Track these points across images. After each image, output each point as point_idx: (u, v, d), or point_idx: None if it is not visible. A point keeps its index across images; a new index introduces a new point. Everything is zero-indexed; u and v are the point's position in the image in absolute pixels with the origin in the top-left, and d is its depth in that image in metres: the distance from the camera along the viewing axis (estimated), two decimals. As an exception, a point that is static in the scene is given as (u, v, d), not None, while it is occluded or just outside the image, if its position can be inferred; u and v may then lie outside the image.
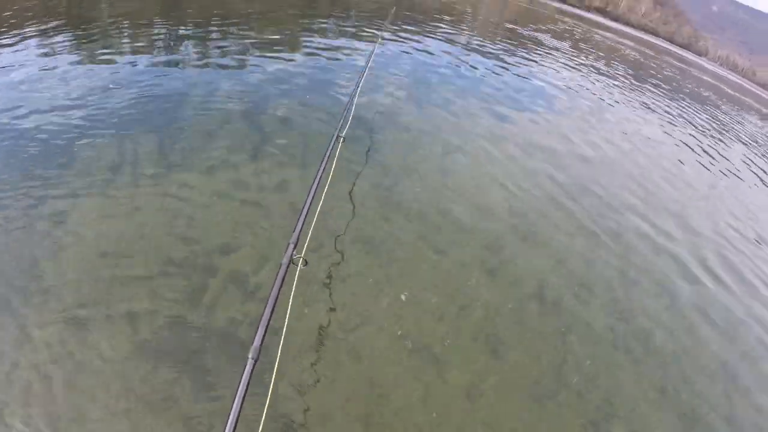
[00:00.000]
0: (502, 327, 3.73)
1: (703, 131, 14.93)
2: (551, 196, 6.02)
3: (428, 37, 13.37)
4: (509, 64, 12.99)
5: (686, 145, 11.91)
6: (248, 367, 1.62)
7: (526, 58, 14.90)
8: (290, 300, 2.16)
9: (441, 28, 15.87)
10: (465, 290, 3.97)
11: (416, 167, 5.57)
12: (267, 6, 12.85)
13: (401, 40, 11.87)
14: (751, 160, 13.98)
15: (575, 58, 18.97)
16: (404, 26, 13.73)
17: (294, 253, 2.23)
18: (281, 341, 2.08)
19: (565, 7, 70.75)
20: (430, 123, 7.01)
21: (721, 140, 14.89)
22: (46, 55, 6.48)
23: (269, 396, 1.90)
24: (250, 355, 1.67)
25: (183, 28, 9.07)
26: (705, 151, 12.05)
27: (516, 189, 5.87)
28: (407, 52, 10.79)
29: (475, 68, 11.29)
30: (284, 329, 2.16)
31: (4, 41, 6.72)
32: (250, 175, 4.54)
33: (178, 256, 3.39)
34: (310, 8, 13.87)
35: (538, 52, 16.96)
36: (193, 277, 3.25)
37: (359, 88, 4.66)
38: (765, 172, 13.23)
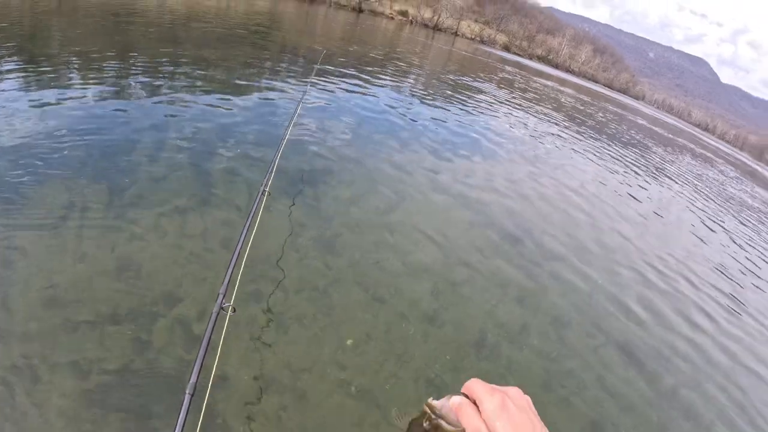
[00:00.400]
0: (442, 372, 3.93)
1: (640, 173, 16.03)
2: (489, 243, 6.37)
3: (372, 86, 13.96)
4: (450, 113, 13.69)
5: (623, 187, 12.78)
6: (185, 403, 1.85)
7: (468, 107, 15.67)
8: (220, 345, 2.35)
9: (385, 77, 16.60)
10: (405, 336, 4.16)
11: (353, 216, 5.83)
12: (217, 54, 13.30)
13: (345, 89, 12.38)
14: (684, 199, 15.06)
15: (517, 107, 20.07)
16: (348, 76, 14.31)
17: (223, 301, 2.42)
18: (209, 385, 2.25)
19: (508, 55, 74.65)
20: (367, 171, 7.32)
21: (656, 180, 16.00)
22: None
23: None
24: (187, 391, 1.90)
25: (134, 69, 9.33)
26: (641, 193, 12.94)
27: (454, 236, 6.20)
28: (351, 102, 11.26)
29: (416, 117, 11.83)
30: (212, 373, 2.32)
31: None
32: (194, 223, 4.70)
33: (125, 303, 3.50)
34: (259, 57, 14.41)
35: (480, 101, 17.90)
36: (138, 324, 3.36)
37: (284, 142, 4.83)
38: (698, 209, 14.24)
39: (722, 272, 9.16)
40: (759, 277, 10.12)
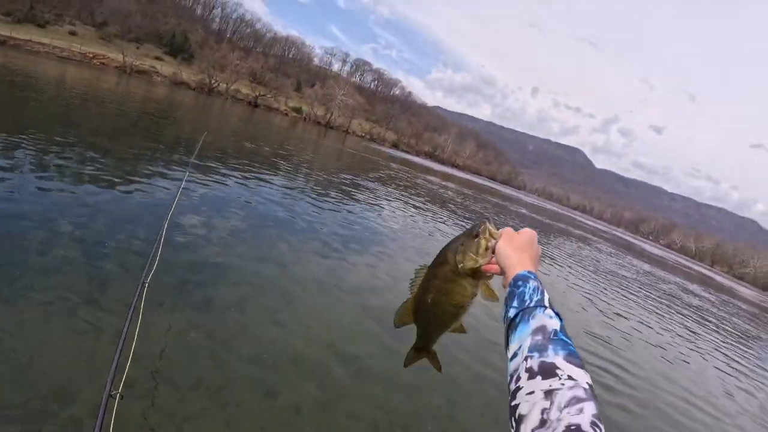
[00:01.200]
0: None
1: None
2: (377, 335, 6.65)
3: (261, 181, 14.28)
4: (337, 209, 14.23)
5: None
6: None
7: (355, 204, 16.36)
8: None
9: (275, 173, 17.00)
10: (300, 430, 4.27)
11: (242, 311, 5.90)
12: (109, 140, 13.45)
13: (235, 184, 12.62)
14: (562, 278, 16.26)
15: (402, 203, 21.32)
16: (238, 170, 14.55)
17: (111, 389, 2.48)
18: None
19: (396, 153, 78.95)
20: (254, 265, 7.44)
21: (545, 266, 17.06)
22: None
23: None
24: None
25: (24, 148, 9.35)
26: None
27: (343, 331, 6.45)
28: (240, 196, 11.47)
29: (304, 213, 12.17)
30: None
31: None
32: (79, 317, 4.63)
33: (11, 399, 3.41)
34: (150, 146, 14.57)
35: (367, 198, 18.86)
36: (26, 420, 3.28)
37: (163, 233, 4.96)
38: (575, 286, 15.37)
39: (601, 341, 10.10)
40: (631, 341, 11.17)
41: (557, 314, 0.96)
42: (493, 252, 1.19)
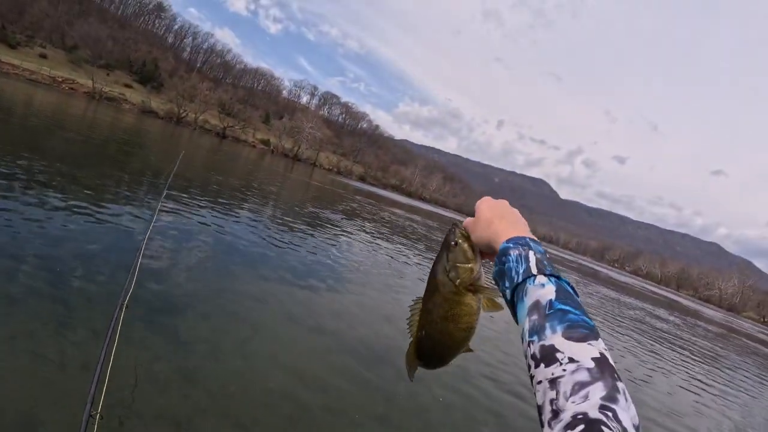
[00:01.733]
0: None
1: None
2: (346, 367, 6.65)
3: (229, 215, 14.22)
4: (305, 243, 14.24)
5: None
6: None
7: (322, 238, 16.41)
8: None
9: (242, 207, 16.94)
10: None
11: (211, 344, 5.87)
12: (76, 167, 13.33)
13: (203, 216, 12.50)
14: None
15: (369, 236, 21.50)
16: (207, 203, 14.42)
17: (91, 409, 2.48)
18: None
19: (363, 186, 79.19)
20: (223, 298, 7.40)
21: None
22: None
23: None
24: None
25: None
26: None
27: (312, 363, 6.43)
28: (208, 229, 11.39)
29: (272, 246, 12.16)
30: None
31: None
32: (49, 343, 4.57)
33: None
34: (118, 175, 14.43)
35: (334, 231, 18.87)
36: None
37: (140, 256, 5.00)
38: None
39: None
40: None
41: (551, 275, 0.89)
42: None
